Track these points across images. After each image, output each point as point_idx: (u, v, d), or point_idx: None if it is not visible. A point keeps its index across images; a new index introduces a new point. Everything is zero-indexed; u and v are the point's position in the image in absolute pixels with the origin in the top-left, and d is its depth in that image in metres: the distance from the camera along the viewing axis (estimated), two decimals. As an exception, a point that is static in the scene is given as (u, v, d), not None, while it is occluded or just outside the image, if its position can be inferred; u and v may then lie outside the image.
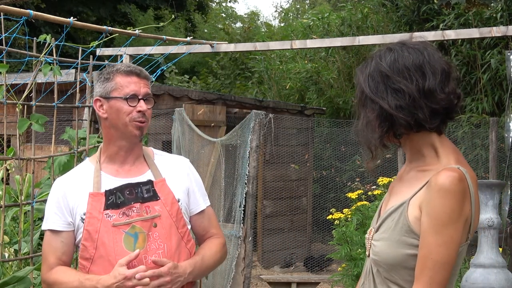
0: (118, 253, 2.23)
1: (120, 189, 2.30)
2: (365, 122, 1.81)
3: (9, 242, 3.61)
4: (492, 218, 4.68)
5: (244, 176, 6.23)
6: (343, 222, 5.32)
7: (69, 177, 2.41)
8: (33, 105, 3.41)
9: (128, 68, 2.34)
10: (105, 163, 2.38)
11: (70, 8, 15.85)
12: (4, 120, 3.32)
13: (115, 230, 2.25)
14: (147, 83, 2.36)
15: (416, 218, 1.74)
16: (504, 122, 6.27)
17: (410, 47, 1.79)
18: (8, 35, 3.16)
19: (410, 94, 1.73)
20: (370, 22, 11.13)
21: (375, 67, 1.80)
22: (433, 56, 1.77)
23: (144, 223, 2.26)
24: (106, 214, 2.27)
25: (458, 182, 1.69)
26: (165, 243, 2.26)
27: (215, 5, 21.26)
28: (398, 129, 1.77)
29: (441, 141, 1.81)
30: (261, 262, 9.15)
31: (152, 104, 2.35)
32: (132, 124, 2.30)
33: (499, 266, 4.62)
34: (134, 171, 2.36)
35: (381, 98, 1.76)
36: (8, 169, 3.38)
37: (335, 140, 9.69)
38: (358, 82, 1.84)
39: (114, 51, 4.67)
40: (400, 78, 1.74)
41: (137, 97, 2.30)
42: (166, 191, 2.33)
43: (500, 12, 8.81)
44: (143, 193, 2.30)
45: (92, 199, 2.29)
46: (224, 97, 9.23)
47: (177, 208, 2.32)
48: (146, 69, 2.46)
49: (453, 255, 1.71)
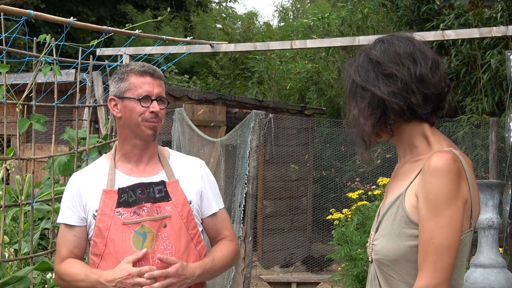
0: (126, 251, 2.25)
1: (132, 187, 2.32)
2: (356, 111, 1.80)
3: (9, 242, 3.61)
4: (492, 218, 4.68)
5: (244, 176, 6.23)
6: (343, 222, 5.32)
7: (85, 173, 2.45)
8: (33, 105, 3.40)
9: (142, 68, 2.36)
10: (119, 161, 2.40)
11: (70, 8, 15.85)
12: (4, 120, 3.32)
13: (125, 228, 2.27)
14: (160, 83, 2.37)
15: (413, 206, 1.71)
16: (504, 122, 6.28)
17: (399, 37, 1.80)
18: (8, 35, 3.16)
19: (402, 78, 1.73)
20: (370, 22, 11.13)
21: (365, 57, 1.80)
22: (422, 45, 1.79)
23: (153, 223, 2.27)
24: (118, 212, 2.29)
25: (452, 162, 1.66)
26: (173, 244, 2.27)
27: (215, 5, 21.25)
28: (390, 116, 1.75)
29: (433, 131, 1.80)
30: (261, 262, 9.15)
31: (166, 105, 2.37)
32: (145, 124, 2.32)
33: (499, 266, 4.62)
34: (148, 171, 2.38)
35: (372, 85, 1.75)
36: (8, 169, 3.38)
37: (335, 140, 9.69)
38: (346, 75, 1.83)
39: (114, 51, 4.67)
40: (392, 64, 1.75)
41: (150, 97, 2.32)
42: (178, 193, 2.34)
43: (500, 12, 8.81)
44: (155, 193, 2.32)
45: (105, 196, 2.32)
46: (224, 97, 9.23)
47: (188, 209, 2.33)
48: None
49: (456, 237, 1.66)
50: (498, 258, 4.66)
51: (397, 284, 1.75)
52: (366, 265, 4.91)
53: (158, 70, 2.40)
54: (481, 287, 4.58)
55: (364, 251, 4.99)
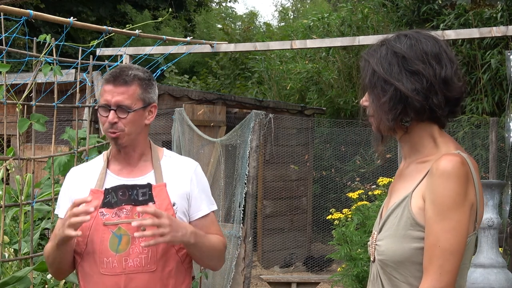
0: (102, 252, 2.25)
1: (114, 189, 2.30)
2: (376, 104, 1.75)
3: (9, 242, 3.61)
4: (492, 218, 4.68)
5: (244, 176, 6.23)
6: (343, 222, 5.32)
7: (80, 170, 2.46)
8: (33, 105, 3.40)
9: (109, 75, 2.32)
10: (111, 161, 2.40)
11: (70, 8, 15.85)
12: (4, 120, 3.32)
13: (105, 229, 2.26)
14: (123, 90, 2.27)
15: (420, 209, 1.69)
16: (504, 122, 6.27)
17: (426, 35, 1.77)
18: (8, 35, 3.15)
19: (428, 78, 1.70)
20: (370, 22, 11.13)
21: (390, 49, 1.75)
22: (447, 47, 1.76)
23: (129, 226, 2.23)
24: (101, 212, 2.28)
25: (460, 165, 1.65)
26: (150, 249, 2.23)
27: (215, 5, 21.24)
28: (409, 114, 1.72)
29: (441, 133, 1.79)
30: (261, 262, 9.15)
31: (126, 114, 2.27)
32: (107, 134, 2.31)
33: (499, 266, 4.63)
34: (137, 172, 2.36)
35: (396, 79, 1.71)
36: (8, 169, 3.37)
37: (335, 140, 9.69)
38: (367, 64, 1.78)
39: (114, 51, 4.67)
40: (418, 61, 1.71)
41: (108, 107, 2.27)
42: (163, 196, 2.30)
43: (500, 12, 8.81)
44: (138, 196, 2.28)
45: (92, 196, 2.30)
46: (224, 97, 9.23)
47: (171, 214, 2.26)
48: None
49: (462, 241, 1.65)
50: (498, 258, 4.66)
51: (401, 285, 1.74)
52: (366, 265, 4.91)
53: (125, 74, 2.29)
54: (481, 287, 4.58)
55: (364, 251, 4.99)
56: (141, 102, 2.31)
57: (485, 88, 8.96)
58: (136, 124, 2.31)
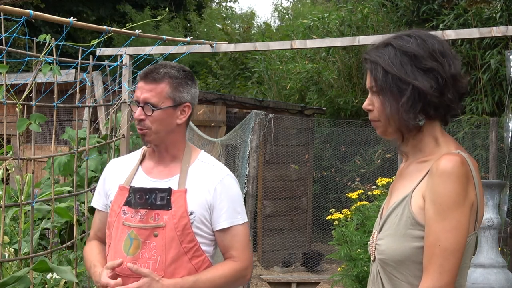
0: (117, 251, 2.26)
1: (135, 190, 2.28)
2: (394, 104, 1.73)
3: (9, 242, 3.61)
4: (492, 218, 4.69)
5: (244, 176, 6.23)
6: (343, 222, 5.32)
7: (117, 162, 2.48)
8: (33, 105, 3.40)
9: (143, 71, 2.32)
10: (146, 158, 2.40)
11: (70, 8, 15.86)
12: (4, 120, 3.32)
13: (123, 228, 2.27)
14: (152, 87, 2.25)
15: (420, 208, 1.70)
16: (504, 122, 6.27)
17: (427, 34, 1.77)
18: (8, 35, 3.15)
19: (441, 75, 1.71)
20: (370, 22, 11.13)
21: (398, 49, 1.74)
22: (449, 46, 1.78)
23: (141, 231, 2.23)
24: (123, 210, 2.29)
25: (460, 165, 1.66)
26: (159, 255, 2.21)
27: (215, 5, 21.25)
28: (429, 111, 1.72)
29: (442, 132, 1.80)
30: (261, 262, 9.15)
31: (150, 112, 2.24)
32: (137, 129, 2.31)
33: (499, 266, 4.63)
34: (166, 173, 2.33)
35: (412, 78, 1.71)
36: (8, 169, 3.38)
37: (335, 140, 9.69)
38: (375, 66, 1.75)
39: (114, 51, 4.66)
40: (430, 59, 1.72)
41: (137, 103, 2.27)
42: (180, 203, 2.24)
43: (500, 12, 8.81)
44: (156, 200, 2.25)
45: (119, 192, 2.33)
46: (224, 97, 9.23)
47: (186, 222, 2.23)
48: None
49: (462, 241, 1.65)
50: (498, 258, 4.66)
51: (401, 284, 1.74)
52: (366, 265, 4.91)
53: (156, 71, 2.28)
54: (481, 287, 4.58)
55: (364, 251, 4.99)
56: (170, 101, 2.27)
57: (485, 88, 8.96)
58: (163, 123, 2.26)
